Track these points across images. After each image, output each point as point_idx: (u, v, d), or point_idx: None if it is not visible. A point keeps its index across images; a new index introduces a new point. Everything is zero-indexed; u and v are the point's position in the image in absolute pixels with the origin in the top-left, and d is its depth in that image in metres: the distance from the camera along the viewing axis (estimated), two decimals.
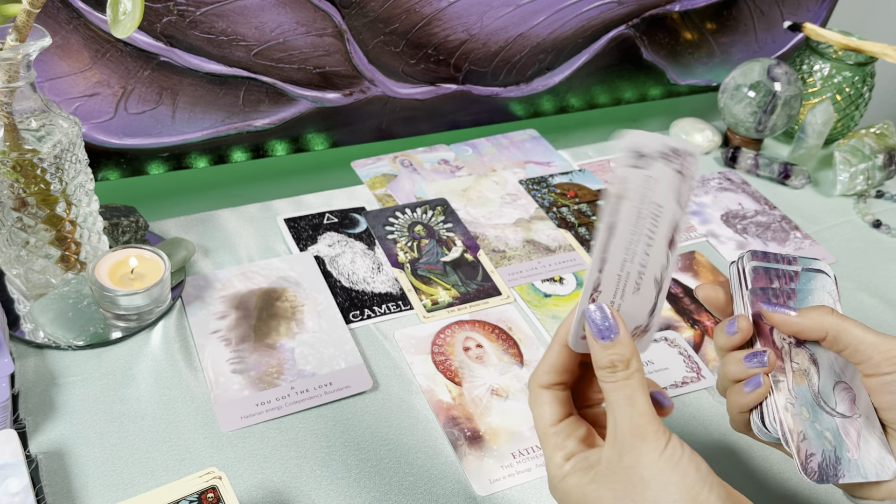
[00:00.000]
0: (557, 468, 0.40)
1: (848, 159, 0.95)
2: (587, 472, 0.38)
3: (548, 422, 0.41)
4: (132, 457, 0.55)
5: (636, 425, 0.37)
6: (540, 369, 0.42)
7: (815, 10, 1.13)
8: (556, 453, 0.40)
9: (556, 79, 0.99)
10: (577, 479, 0.38)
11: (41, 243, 0.61)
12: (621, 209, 0.38)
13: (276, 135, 0.85)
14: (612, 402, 0.38)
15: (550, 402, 0.41)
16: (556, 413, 0.41)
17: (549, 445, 0.40)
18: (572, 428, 0.41)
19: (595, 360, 0.39)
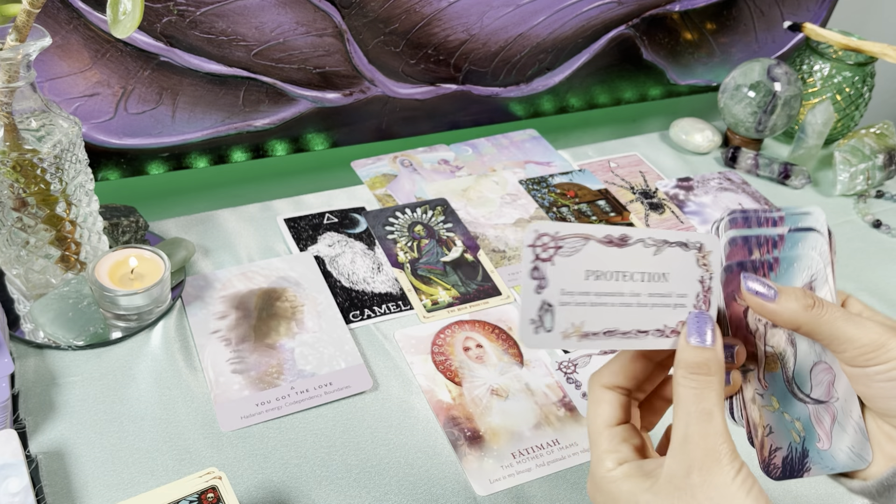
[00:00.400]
0: (607, 471, 0.38)
1: (848, 159, 0.95)
2: (643, 479, 0.36)
3: (604, 422, 0.39)
4: (132, 457, 0.55)
5: (711, 445, 0.35)
6: (606, 368, 0.40)
7: (815, 10, 1.13)
8: (609, 456, 0.38)
9: (556, 79, 0.99)
10: (632, 486, 0.36)
11: (41, 243, 0.61)
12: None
13: (276, 135, 0.85)
14: (688, 413, 0.35)
15: (611, 403, 0.39)
16: (614, 415, 0.39)
17: (602, 447, 0.38)
18: (629, 434, 0.39)
19: (680, 359, 0.37)
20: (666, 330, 0.38)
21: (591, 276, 0.36)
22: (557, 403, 0.64)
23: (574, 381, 0.66)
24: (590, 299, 0.36)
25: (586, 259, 0.36)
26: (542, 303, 0.36)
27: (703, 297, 0.38)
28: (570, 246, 0.36)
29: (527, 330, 0.36)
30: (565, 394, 0.65)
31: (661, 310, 0.37)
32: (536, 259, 0.36)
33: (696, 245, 0.38)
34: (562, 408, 0.63)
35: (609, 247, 0.36)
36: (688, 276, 0.38)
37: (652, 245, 0.37)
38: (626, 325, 0.37)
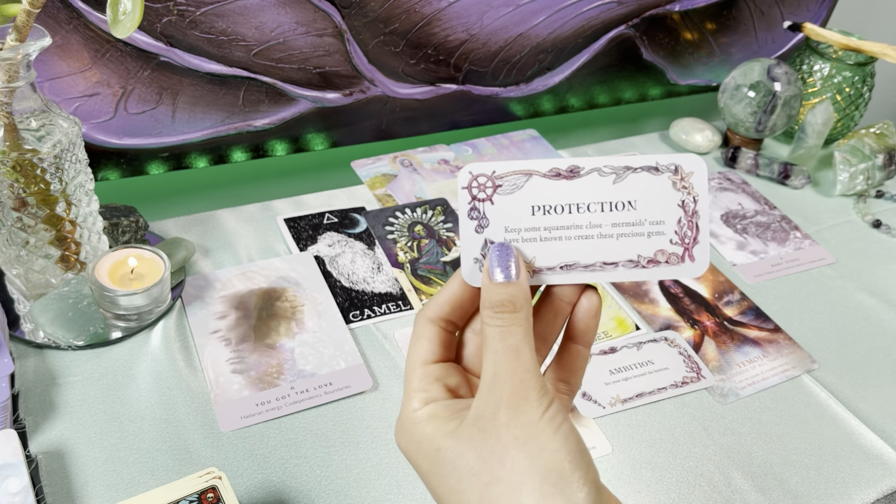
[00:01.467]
0: (412, 412, 0.34)
1: (848, 159, 0.95)
2: (446, 422, 0.33)
3: (421, 358, 0.36)
4: (132, 457, 0.55)
5: (519, 381, 0.32)
6: (433, 300, 0.37)
7: (815, 10, 1.13)
8: (416, 395, 0.34)
9: (556, 79, 0.99)
10: (434, 429, 0.33)
11: (41, 243, 0.61)
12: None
13: (276, 135, 0.85)
14: (495, 350, 0.32)
15: (431, 339, 0.36)
16: (432, 352, 0.36)
17: (412, 385, 0.35)
18: (444, 373, 0.35)
19: (485, 298, 0.34)
20: (641, 260, 0.36)
21: (538, 210, 0.35)
22: None
23: None
24: (540, 234, 0.35)
25: (530, 194, 0.35)
26: (485, 241, 0.36)
27: (687, 222, 0.36)
28: (510, 184, 0.35)
29: (471, 269, 0.36)
30: None
31: (633, 239, 0.36)
32: (473, 199, 0.35)
33: (670, 167, 0.35)
34: None
35: (556, 180, 0.35)
36: (663, 202, 0.35)
37: (610, 173, 0.35)
38: (588, 258, 0.36)
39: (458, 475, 0.32)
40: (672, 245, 0.36)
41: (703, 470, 0.60)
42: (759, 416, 0.65)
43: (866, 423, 0.65)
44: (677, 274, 0.36)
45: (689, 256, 0.36)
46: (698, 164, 0.35)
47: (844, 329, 0.76)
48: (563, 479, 0.30)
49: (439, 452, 0.32)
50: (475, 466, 0.31)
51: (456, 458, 0.32)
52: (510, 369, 0.32)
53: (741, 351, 0.71)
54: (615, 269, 0.36)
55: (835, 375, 0.70)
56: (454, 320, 0.37)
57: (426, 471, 0.33)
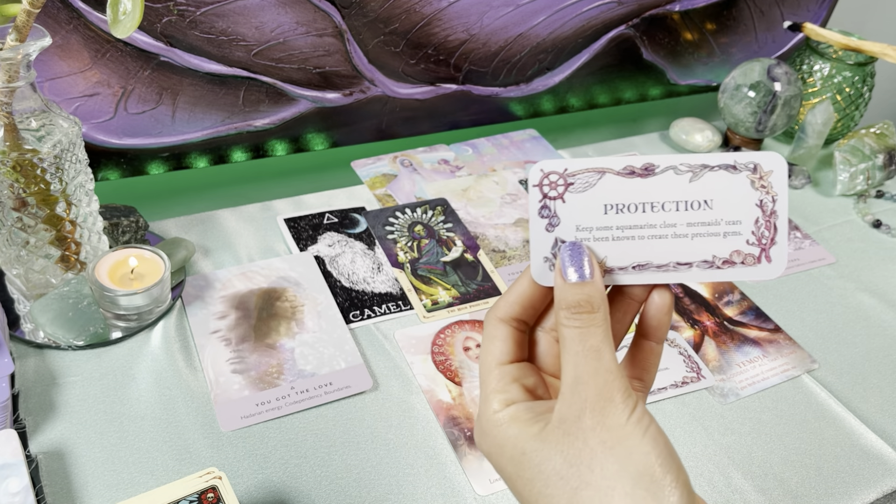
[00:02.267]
0: (493, 413, 0.34)
1: (848, 159, 0.95)
2: (530, 424, 0.32)
3: (496, 359, 0.35)
4: (132, 457, 0.55)
5: (602, 382, 0.31)
6: (502, 299, 0.36)
7: (815, 10, 1.13)
8: (495, 397, 0.34)
9: (556, 79, 0.99)
10: (518, 431, 0.32)
11: (41, 243, 0.61)
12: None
13: (276, 135, 0.85)
14: (575, 352, 0.32)
15: (504, 339, 0.35)
16: (507, 352, 0.35)
17: (489, 386, 0.34)
18: (522, 373, 0.35)
19: (560, 299, 0.33)
20: (716, 261, 0.35)
21: (611, 209, 0.35)
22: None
23: None
24: (612, 233, 0.35)
25: (603, 192, 0.34)
26: (556, 240, 0.35)
27: (765, 222, 0.34)
28: (582, 181, 0.35)
29: (541, 268, 0.35)
30: None
31: (708, 239, 0.35)
32: (545, 198, 0.35)
33: (749, 166, 0.34)
34: None
35: (631, 178, 0.34)
36: (740, 201, 0.34)
37: (686, 171, 0.34)
38: (662, 258, 0.35)
39: (545, 479, 0.31)
40: (749, 245, 0.35)
41: (703, 470, 0.60)
42: (759, 416, 0.65)
43: (866, 423, 0.65)
44: (753, 275, 0.35)
45: (766, 257, 0.35)
46: (778, 162, 0.34)
47: (844, 329, 0.76)
48: (654, 483, 0.30)
49: (524, 456, 0.32)
50: (563, 471, 0.31)
51: (542, 461, 0.31)
52: (592, 371, 0.32)
53: (741, 351, 0.71)
54: (689, 270, 0.35)
55: (835, 375, 0.70)
56: (525, 319, 0.36)
57: (511, 474, 0.33)
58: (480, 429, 0.34)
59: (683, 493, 0.30)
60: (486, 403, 0.34)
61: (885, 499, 0.61)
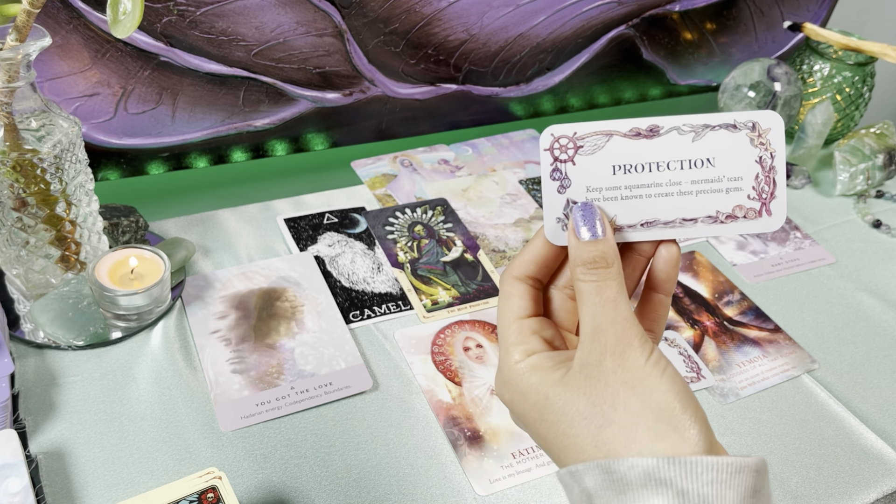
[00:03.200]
0: (514, 364, 0.35)
1: (848, 159, 0.95)
2: (552, 371, 0.34)
3: (514, 314, 0.37)
4: (132, 457, 0.55)
5: (621, 329, 0.33)
6: (517, 259, 0.38)
7: (815, 10, 1.13)
8: (516, 348, 0.36)
9: (556, 79, 0.99)
10: (540, 378, 0.34)
11: (41, 243, 0.61)
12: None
13: (276, 135, 0.85)
14: (593, 304, 0.34)
15: (521, 296, 0.37)
16: (525, 307, 0.37)
17: (509, 339, 0.36)
18: (540, 326, 0.37)
19: (575, 256, 0.35)
20: (720, 216, 0.36)
21: (619, 170, 0.36)
22: None
23: None
24: (621, 193, 0.36)
25: (611, 154, 0.36)
26: (568, 201, 0.36)
27: (764, 177, 0.36)
28: (591, 144, 0.36)
29: (553, 229, 0.37)
30: None
31: (711, 196, 0.36)
32: (555, 161, 0.36)
33: (748, 124, 0.36)
34: None
35: (637, 139, 0.36)
36: (741, 158, 0.36)
37: (689, 131, 0.36)
38: (668, 215, 0.36)
39: (569, 420, 0.33)
40: (750, 200, 0.36)
41: None
42: (759, 416, 0.65)
43: (866, 423, 0.65)
44: (755, 228, 0.37)
45: (767, 211, 0.37)
46: (776, 120, 0.36)
47: (844, 329, 0.76)
48: (675, 418, 0.31)
49: (548, 400, 0.34)
50: (586, 411, 0.32)
51: (566, 404, 0.33)
52: (610, 319, 0.33)
53: (741, 351, 0.71)
54: (695, 225, 0.37)
55: (835, 375, 0.70)
56: (539, 277, 0.38)
57: (535, 418, 0.34)
58: (502, 379, 0.36)
59: (702, 427, 0.32)
60: (506, 355, 0.36)
61: (885, 499, 0.61)
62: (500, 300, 0.38)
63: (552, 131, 0.36)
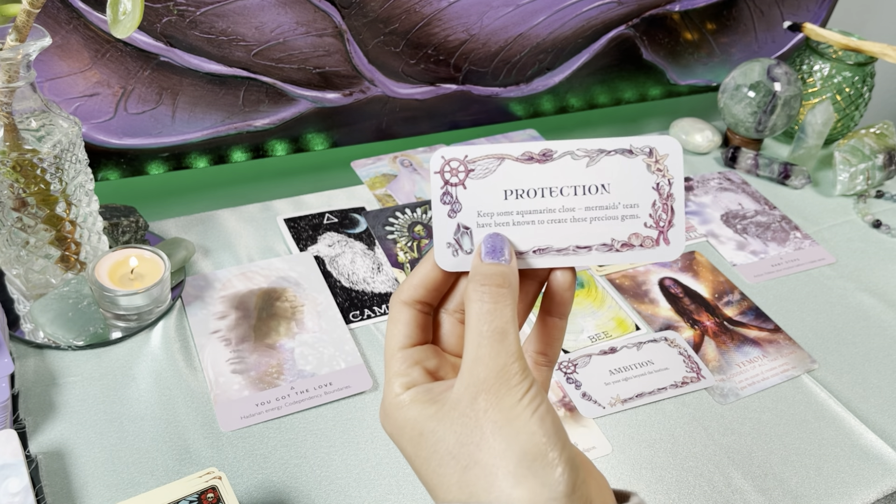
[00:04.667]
0: (394, 396, 0.34)
1: (848, 159, 0.95)
2: (428, 405, 0.33)
3: (398, 343, 0.36)
4: (132, 457, 0.55)
5: (501, 365, 0.32)
6: (406, 283, 0.37)
7: (815, 10, 1.13)
8: (396, 380, 0.35)
9: (556, 79, 0.99)
10: (417, 413, 0.33)
11: (41, 243, 0.61)
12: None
13: (276, 135, 0.85)
14: (479, 333, 0.32)
15: (407, 323, 0.36)
16: (409, 335, 0.36)
17: (392, 370, 0.35)
18: (423, 356, 0.36)
19: (474, 273, 0.34)
20: (615, 244, 0.35)
21: (510, 195, 0.35)
22: (557, 403, 0.64)
23: (574, 381, 0.66)
24: (513, 218, 0.35)
25: (503, 178, 0.35)
26: (458, 226, 0.35)
27: (661, 205, 0.35)
28: (482, 168, 0.35)
29: (444, 254, 0.35)
30: (565, 394, 0.65)
31: (606, 223, 0.35)
32: (446, 184, 0.35)
33: (644, 150, 0.35)
34: (561, 408, 0.63)
35: (529, 164, 0.35)
36: (637, 185, 0.35)
37: (583, 156, 0.35)
38: (562, 242, 0.35)
39: (439, 458, 0.32)
40: (647, 228, 0.35)
41: (703, 470, 0.60)
42: (759, 416, 0.65)
43: (866, 423, 0.65)
44: (652, 257, 0.36)
45: (664, 240, 0.36)
46: (673, 146, 0.35)
47: (844, 329, 0.76)
48: (537, 461, 0.31)
49: (422, 437, 0.33)
50: (455, 450, 0.32)
51: (437, 441, 0.32)
52: (494, 353, 0.32)
53: (741, 351, 0.71)
54: (588, 253, 0.36)
55: (835, 375, 0.70)
56: (428, 301, 0.37)
57: (411, 454, 0.34)
58: (384, 411, 0.35)
59: (566, 468, 0.31)
60: (388, 386, 0.35)
61: (886, 499, 0.61)
62: (387, 326, 0.37)
63: (443, 154, 0.35)
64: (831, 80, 1.00)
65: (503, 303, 0.33)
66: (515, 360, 0.32)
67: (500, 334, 0.32)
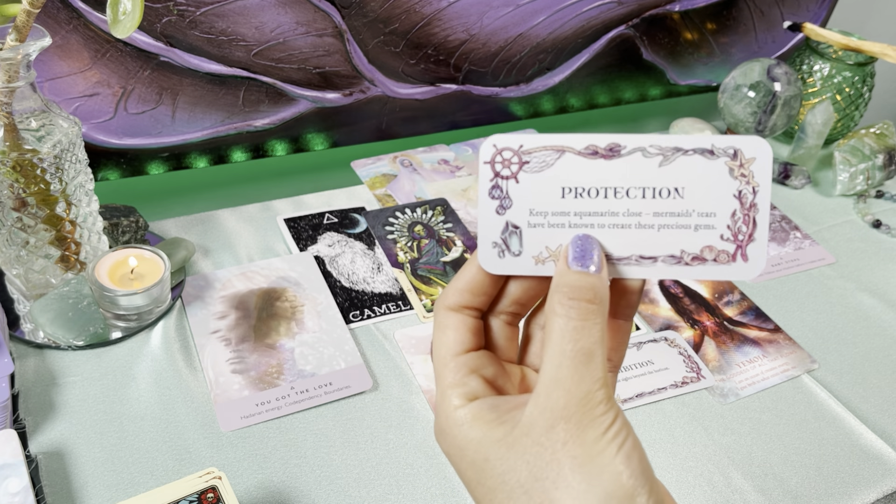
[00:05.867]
0: (452, 410, 0.30)
1: (848, 159, 0.95)
2: (494, 427, 0.29)
3: (450, 350, 0.32)
4: (132, 457, 0.55)
5: (585, 392, 0.28)
6: (450, 287, 0.33)
7: (815, 10, 1.13)
8: (454, 391, 0.31)
9: (556, 79, 0.99)
10: (481, 434, 0.29)
11: (41, 243, 0.61)
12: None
13: (276, 135, 0.85)
14: (562, 352, 0.28)
15: (457, 328, 0.32)
16: (463, 341, 0.32)
17: (446, 380, 0.31)
18: (480, 363, 0.32)
19: (559, 283, 0.30)
20: (685, 256, 0.31)
21: (569, 193, 0.31)
22: None
23: None
24: (569, 220, 0.31)
25: (562, 174, 0.31)
26: (507, 224, 0.31)
27: (742, 215, 0.31)
28: (539, 160, 0.31)
29: (489, 254, 0.32)
30: None
31: (676, 232, 0.31)
32: (496, 177, 0.31)
33: (728, 151, 0.30)
34: None
35: (593, 159, 0.31)
36: (716, 191, 0.30)
37: (656, 154, 0.30)
38: (623, 250, 0.31)
39: (507, 491, 0.29)
40: (723, 241, 0.31)
41: (703, 470, 0.60)
42: (759, 416, 0.65)
43: (866, 423, 0.65)
44: (726, 275, 0.32)
45: (742, 255, 0.31)
46: (762, 148, 0.30)
47: (844, 329, 0.76)
48: (622, 502, 0.28)
49: (487, 462, 0.29)
50: (527, 484, 0.28)
51: (506, 472, 0.29)
52: (578, 377, 0.28)
53: (741, 351, 0.71)
54: (654, 265, 0.31)
55: (835, 375, 0.70)
56: (477, 307, 0.33)
57: (471, 479, 0.30)
58: (440, 428, 0.31)
59: None
60: (444, 399, 0.31)
61: (886, 499, 0.61)
62: (434, 334, 0.33)
63: (495, 142, 0.31)
64: (831, 80, 1.00)
65: (592, 320, 0.29)
66: (601, 386, 0.28)
67: (586, 356, 0.28)
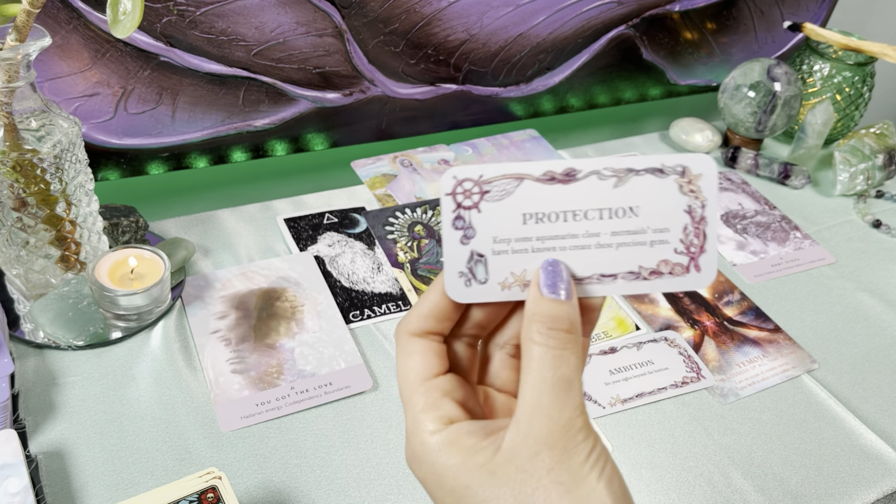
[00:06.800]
0: (428, 435, 0.30)
1: (848, 159, 0.95)
2: (473, 453, 0.29)
3: (419, 375, 0.31)
4: (132, 457, 0.55)
5: (567, 419, 0.28)
6: (412, 313, 0.33)
7: (815, 10, 1.13)
8: (426, 416, 0.30)
9: (556, 79, 0.99)
10: (460, 460, 0.29)
11: (41, 243, 0.61)
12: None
13: (276, 135, 0.85)
14: (542, 379, 0.29)
15: (423, 353, 0.32)
16: (431, 365, 0.32)
17: (417, 405, 0.31)
18: (451, 386, 0.31)
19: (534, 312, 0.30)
20: (643, 272, 0.33)
21: (530, 219, 0.32)
22: None
23: None
24: (532, 245, 0.32)
25: (522, 201, 0.32)
26: (472, 253, 0.32)
27: (693, 229, 0.32)
28: (499, 189, 0.32)
29: (456, 284, 0.32)
30: None
31: (633, 249, 0.32)
32: (458, 207, 0.32)
33: (677, 169, 0.32)
34: None
35: (551, 184, 0.32)
36: (667, 207, 0.32)
37: (610, 176, 0.32)
38: (585, 270, 0.32)
39: None
40: (677, 255, 0.33)
41: (703, 470, 0.60)
42: (759, 416, 0.65)
43: (866, 423, 0.65)
44: (681, 286, 0.33)
45: (695, 266, 0.33)
46: (707, 165, 0.32)
47: (844, 329, 0.76)
48: None
49: (468, 490, 0.29)
50: None
51: (490, 499, 0.29)
52: (560, 404, 0.29)
53: (741, 351, 0.71)
54: (614, 282, 0.33)
55: (835, 375, 0.70)
56: (440, 332, 0.33)
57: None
58: (412, 453, 0.31)
59: None
60: (417, 425, 0.31)
61: (886, 499, 0.61)
62: (398, 359, 0.32)
63: (454, 174, 0.31)
64: (831, 80, 1.00)
65: (570, 349, 0.30)
66: (580, 413, 0.29)
67: (565, 383, 0.29)
